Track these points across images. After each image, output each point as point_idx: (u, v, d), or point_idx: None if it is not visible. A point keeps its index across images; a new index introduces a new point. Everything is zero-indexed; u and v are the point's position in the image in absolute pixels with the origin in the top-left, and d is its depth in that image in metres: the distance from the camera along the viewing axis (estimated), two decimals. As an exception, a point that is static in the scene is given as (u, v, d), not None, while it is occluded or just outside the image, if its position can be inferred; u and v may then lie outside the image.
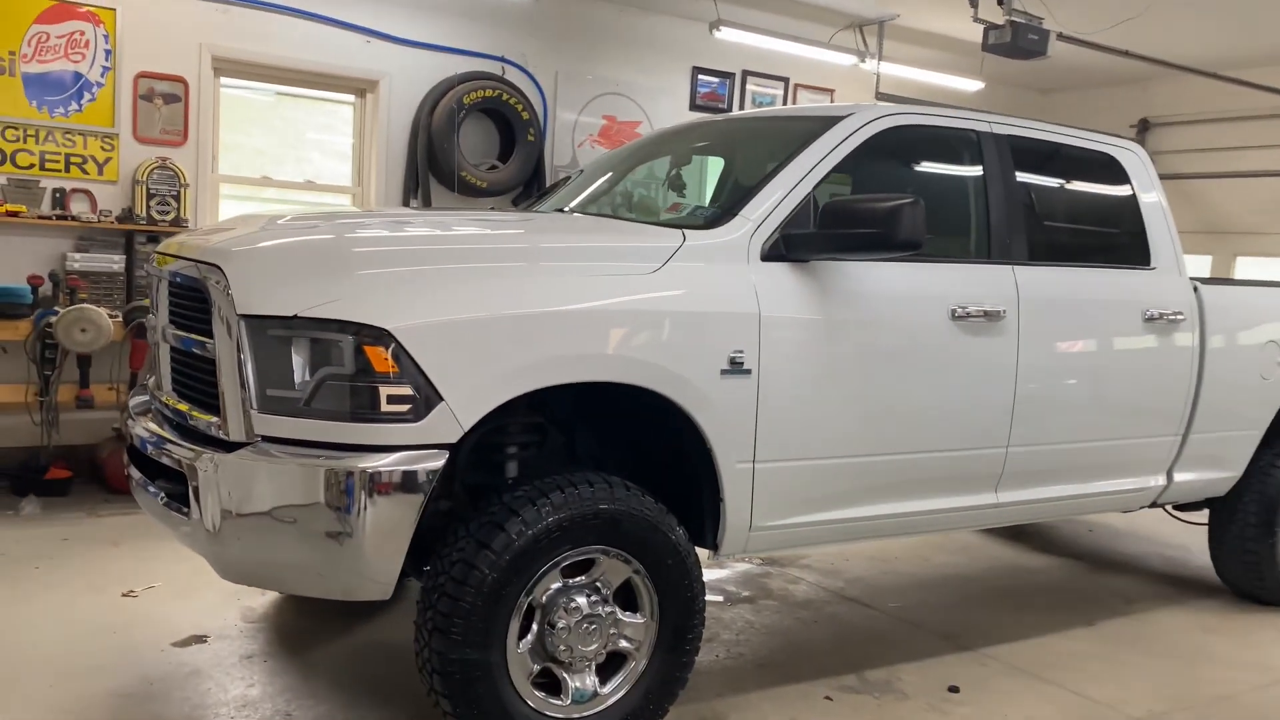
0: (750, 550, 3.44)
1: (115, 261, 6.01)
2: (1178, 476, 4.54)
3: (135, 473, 3.33)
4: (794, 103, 8.54)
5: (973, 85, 8.60)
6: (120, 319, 5.66)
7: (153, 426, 3.26)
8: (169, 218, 6.13)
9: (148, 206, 6.09)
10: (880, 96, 8.04)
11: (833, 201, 3.29)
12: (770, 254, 3.32)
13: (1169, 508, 5.00)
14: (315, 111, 7.04)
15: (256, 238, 3.07)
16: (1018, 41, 5.73)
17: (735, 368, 3.16)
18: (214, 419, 2.89)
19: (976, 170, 3.96)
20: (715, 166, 4.37)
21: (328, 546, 2.73)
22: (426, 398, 2.71)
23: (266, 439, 2.76)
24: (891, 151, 3.81)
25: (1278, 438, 4.85)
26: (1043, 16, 5.97)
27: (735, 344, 3.17)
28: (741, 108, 8.34)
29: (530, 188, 7.33)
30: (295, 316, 2.72)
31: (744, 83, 8.33)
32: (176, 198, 6.15)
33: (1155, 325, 4.26)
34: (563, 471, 3.03)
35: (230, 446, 2.80)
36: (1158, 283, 4.36)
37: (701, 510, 3.33)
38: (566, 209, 4.29)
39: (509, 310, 2.83)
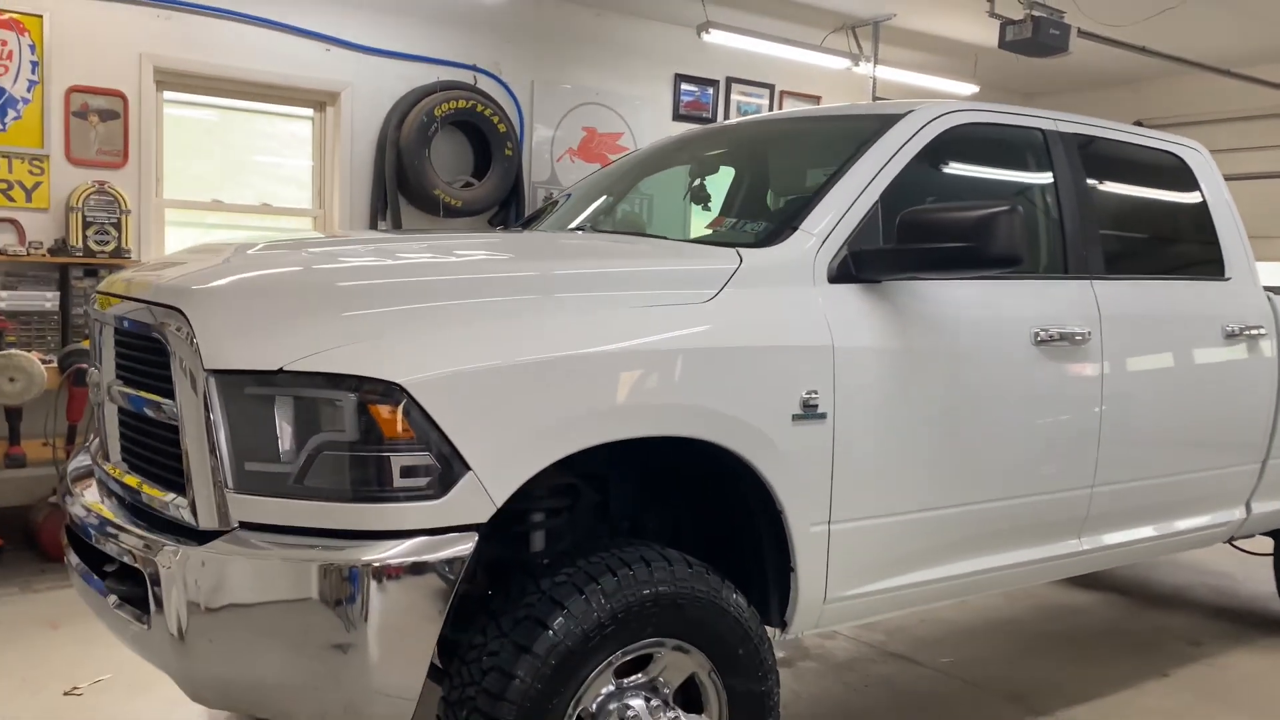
0: (823, 625, 2.92)
1: (48, 299, 5.33)
2: (1256, 508, 4.11)
3: (74, 559, 2.72)
4: (781, 110, 8.09)
5: (967, 89, 8.23)
6: (55, 364, 5.00)
7: (95, 503, 2.66)
8: (109, 248, 5.47)
9: (84, 236, 5.42)
10: (877, 101, 7.62)
11: (911, 211, 2.78)
12: (838, 274, 2.81)
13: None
14: (259, 134, 6.40)
15: (224, 272, 2.49)
16: (1039, 37, 5.32)
17: (809, 412, 2.65)
18: (177, 499, 2.31)
19: (1047, 174, 3.49)
20: (746, 177, 3.85)
21: (329, 660, 2.15)
22: (450, 468, 2.15)
23: (246, 525, 2.18)
24: (955, 154, 3.33)
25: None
26: (1064, 10, 5.57)
27: (808, 384, 2.65)
28: (726, 116, 7.87)
29: (509, 206, 6.77)
30: (280, 371, 2.15)
31: (728, 90, 7.86)
32: (117, 225, 5.50)
33: (1236, 342, 3.83)
34: (605, 544, 2.50)
35: (200, 536, 2.21)
36: (1234, 294, 3.93)
37: (763, 580, 2.81)
38: (574, 228, 3.75)
39: (546, 354, 2.28)
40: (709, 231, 3.38)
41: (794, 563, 2.72)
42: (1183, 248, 4.07)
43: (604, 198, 4.00)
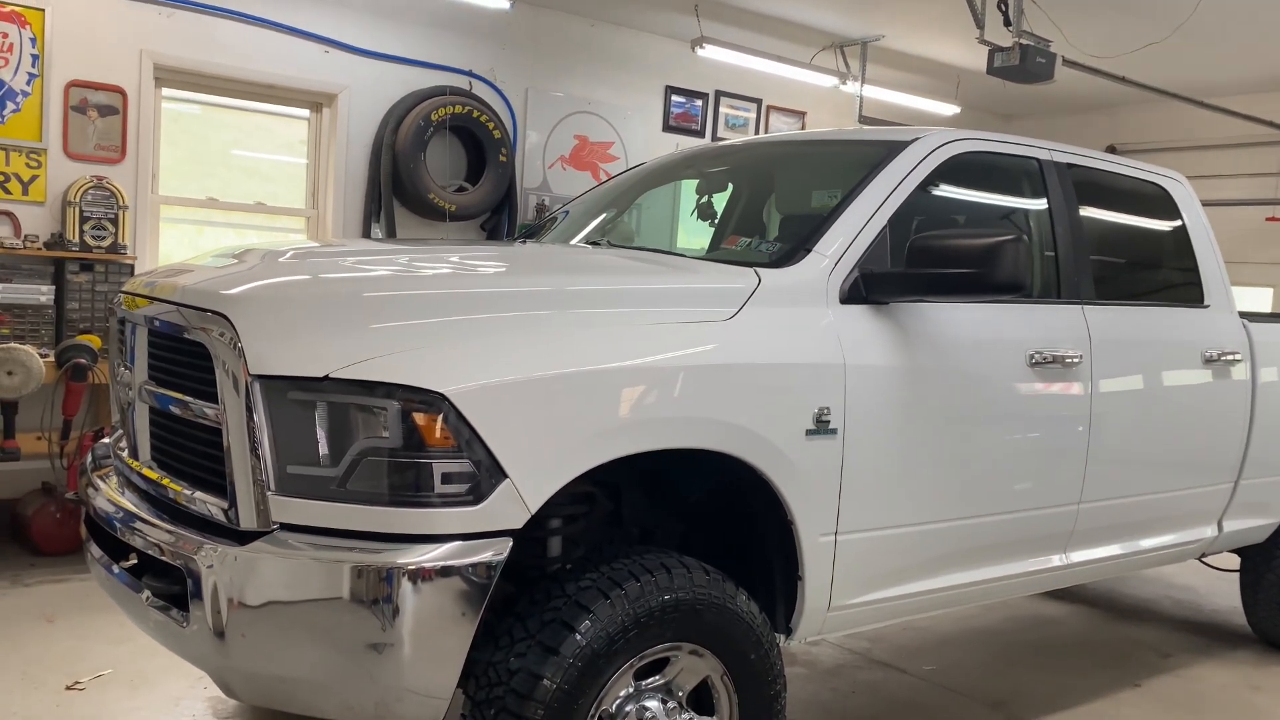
0: (825, 632, 3.03)
1: (43, 293, 5.32)
2: (1227, 525, 4.28)
3: (96, 550, 2.77)
4: (767, 125, 8.22)
5: (949, 109, 8.42)
6: (52, 359, 5.00)
7: (121, 499, 2.71)
8: (105, 244, 5.47)
9: (80, 231, 5.42)
10: (863, 119, 7.79)
11: (921, 237, 2.91)
12: (849, 295, 2.93)
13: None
14: (252, 132, 6.41)
15: (262, 277, 2.56)
16: (1026, 65, 5.49)
17: (821, 427, 2.76)
18: (214, 499, 2.37)
19: (1041, 201, 3.64)
20: (754, 195, 3.97)
21: (365, 659, 2.23)
22: (488, 475, 2.24)
23: (285, 527, 2.25)
24: (956, 180, 3.46)
25: (1314, 481, 4.64)
26: (1051, 39, 5.75)
27: (821, 400, 2.76)
28: (715, 129, 7.99)
29: (501, 211, 6.84)
30: (326, 378, 2.22)
31: (717, 104, 7.99)
32: (114, 221, 5.50)
33: (1214, 367, 4.00)
34: (624, 551, 2.59)
35: (240, 535, 2.28)
36: (1213, 321, 4.10)
37: (770, 588, 2.92)
38: (591, 241, 3.84)
39: (581, 366, 2.38)
40: (732, 248, 3.47)
41: (802, 571, 2.82)
42: (1165, 275, 4.24)
43: (612, 211, 4.10)
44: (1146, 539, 3.94)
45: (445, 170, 6.69)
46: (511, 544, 2.29)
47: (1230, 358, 4.06)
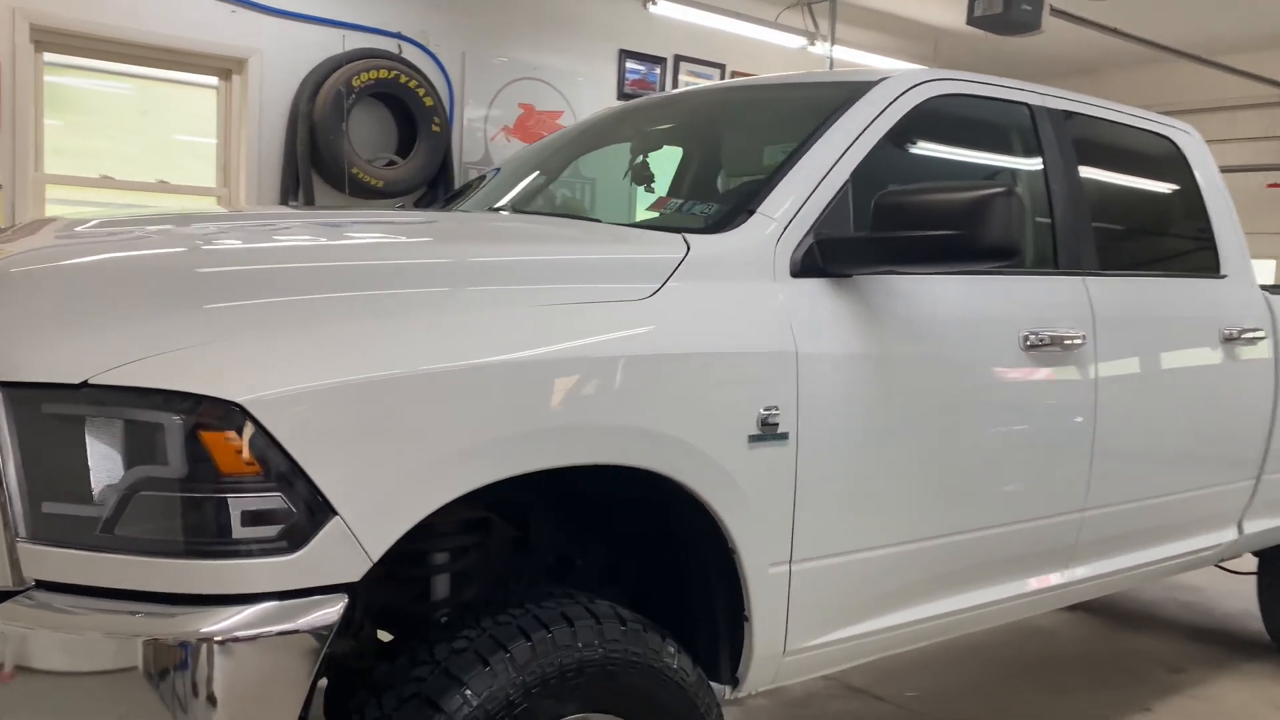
0: (781, 680, 2.48)
1: (-98, 284, 4.69)
2: (1248, 527, 3.75)
3: None
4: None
5: (926, 72, 7.86)
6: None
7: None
8: (-23, 227, 4.84)
9: (-53, 214, 4.80)
10: (834, 81, 7.22)
11: (890, 193, 2.34)
12: (803, 267, 2.36)
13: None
14: (156, 103, 5.76)
15: (27, 258, 1.96)
16: (1010, 13, 4.94)
17: (768, 432, 2.20)
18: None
19: (1035, 155, 3.09)
20: (696, 153, 3.39)
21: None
22: (308, 512, 1.67)
23: (43, 585, 1.67)
24: (933, 131, 2.90)
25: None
26: (1036, -18, 5.20)
27: (767, 398, 2.20)
28: (675, 97, 7.41)
29: (436, 187, 6.24)
30: (85, 384, 1.64)
31: (676, 69, 7.40)
32: (-14, 202, 4.88)
33: (1234, 346, 3.46)
34: (519, 595, 2.04)
35: (-15, 598, 1.70)
36: (1231, 294, 3.57)
37: (713, 629, 2.36)
38: (497, 208, 3.26)
39: (440, 364, 1.80)
40: (654, 214, 2.90)
41: (749, 610, 2.27)
42: (1176, 242, 3.71)
43: (535, 175, 3.51)
44: (1159, 547, 3.40)
45: (372, 143, 6.08)
46: (346, 602, 1.71)
47: (1252, 335, 3.52)
